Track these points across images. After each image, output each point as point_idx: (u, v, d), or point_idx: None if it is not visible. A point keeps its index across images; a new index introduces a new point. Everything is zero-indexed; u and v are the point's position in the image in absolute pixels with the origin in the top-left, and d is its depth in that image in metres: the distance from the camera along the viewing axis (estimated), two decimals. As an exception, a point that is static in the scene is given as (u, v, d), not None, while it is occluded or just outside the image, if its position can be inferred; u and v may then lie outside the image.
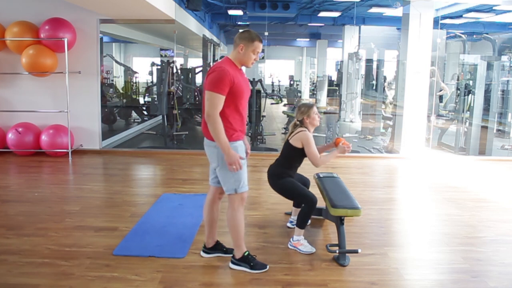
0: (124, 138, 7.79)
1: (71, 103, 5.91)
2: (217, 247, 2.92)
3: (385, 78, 10.05)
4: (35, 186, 4.66)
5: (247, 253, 2.76)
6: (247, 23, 12.03)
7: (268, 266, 2.77)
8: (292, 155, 3.15)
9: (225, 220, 2.77)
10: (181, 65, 10.68)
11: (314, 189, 3.19)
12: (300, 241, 3.05)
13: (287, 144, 3.16)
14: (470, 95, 7.62)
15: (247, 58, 2.61)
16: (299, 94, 13.39)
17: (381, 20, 10.81)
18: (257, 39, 2.60)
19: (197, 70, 9.82)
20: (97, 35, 6.10)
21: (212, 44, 9.88)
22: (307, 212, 3.03)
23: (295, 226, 3.12)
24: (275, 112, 12.74)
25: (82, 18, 5.98)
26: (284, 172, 3.15)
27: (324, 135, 8.16)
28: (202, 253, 2.95)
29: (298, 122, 3.17)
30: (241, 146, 2.66)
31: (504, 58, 8.88)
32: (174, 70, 8.07)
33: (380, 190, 4.89)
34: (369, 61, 10.13)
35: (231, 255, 2.80)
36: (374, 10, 9.50)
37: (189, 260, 2.87)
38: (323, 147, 3.36)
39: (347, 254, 2.92)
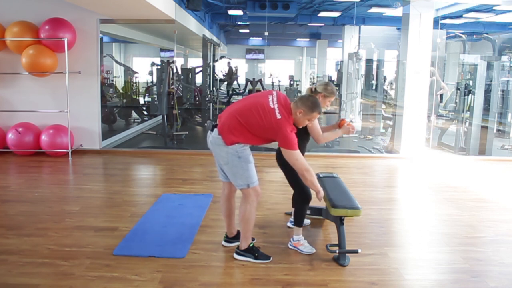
0: (124, 138, 7.78)
1: (71, 103, 5.91)
2: (238, 236, 3.00)
3: (385, 78, 10.03)
4: (35, 186, 4.66)
5: (252, 244, 2.90)
6: (247, 23, 12.03)
7: (271, 258, 2.88)
8: (296, 132, 3.03)
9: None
10: (181, 65, 10.67)
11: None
12: (300, 241, 3.05)
13: None
14: (470, 95, 7.62)
15: (301, 122, 2.78)
16: (299, 94, 13.38)
17: (381, 20, 10.81)
18: (316, 111, 2.73)
19: (197, 70, 9.80)
20: (97, 35, 6.10)
21: (212, 44, 9.87)
22: (301, 208, 3.06)
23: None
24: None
25: (82, 18, 5.98)
26: None
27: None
28: (223, 243, 3.10)
29: (313, 91, 3.12)
30: (249, 149, 2.80)
31: (504, 58, 8.87)
32: (174, 70, 8.07)
33: (380, 190, 4.88)
34: (369, 61, 10.12)
35: (253, 241, 2.97)
36: (374, 10, 9.49)
37: (189, 260, 2.87)
38: (327, 128, 3.34)
39: (347, 254, 2.92)
